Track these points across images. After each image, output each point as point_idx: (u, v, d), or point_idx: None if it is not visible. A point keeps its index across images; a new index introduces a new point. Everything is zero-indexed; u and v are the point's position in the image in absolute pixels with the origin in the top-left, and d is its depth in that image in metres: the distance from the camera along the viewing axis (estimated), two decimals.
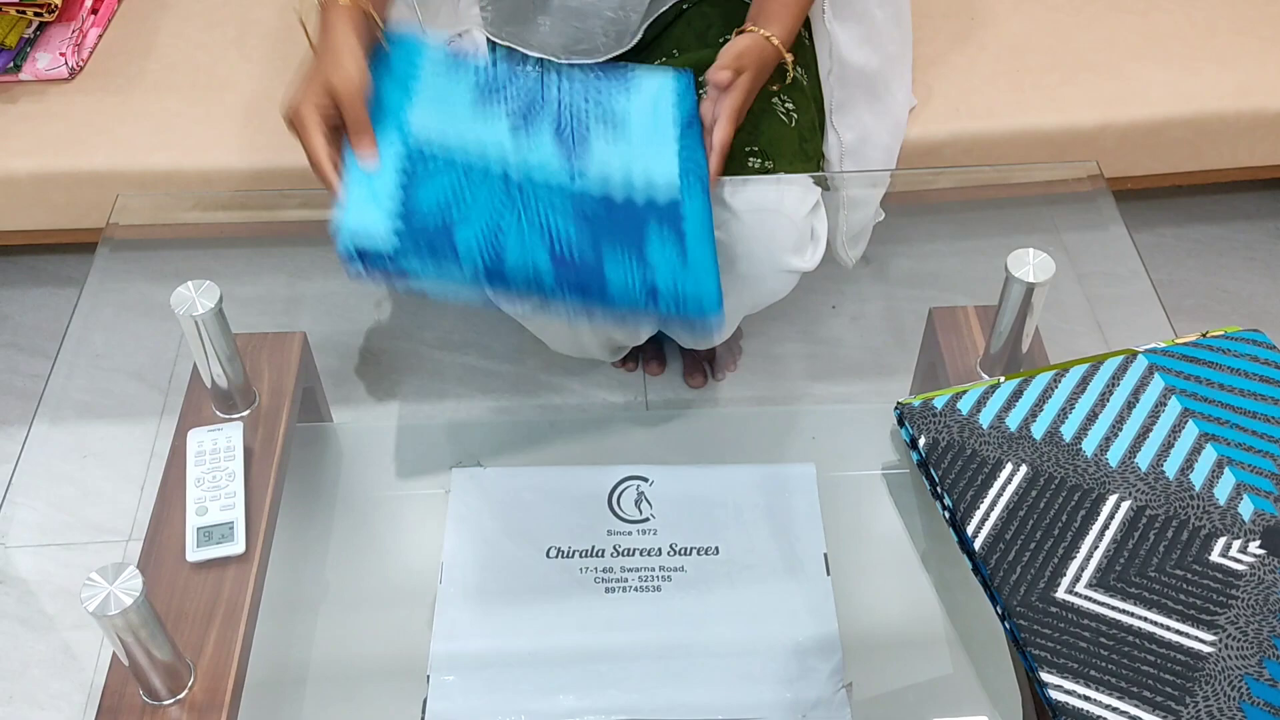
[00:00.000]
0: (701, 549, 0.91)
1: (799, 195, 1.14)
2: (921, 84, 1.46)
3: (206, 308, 0.98)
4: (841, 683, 0.82)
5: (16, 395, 1.59)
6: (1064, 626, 0.76)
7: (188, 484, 0.92)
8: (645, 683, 0.84)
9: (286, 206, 1.33)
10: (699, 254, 0.94)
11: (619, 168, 0.99)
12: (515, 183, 0.96)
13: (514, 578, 0.89)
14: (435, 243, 0.89)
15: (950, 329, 1.10)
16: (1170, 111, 1.47)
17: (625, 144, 1.02)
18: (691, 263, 0.93)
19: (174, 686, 0.82)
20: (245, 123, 1.44)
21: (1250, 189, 1.84)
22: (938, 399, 0.91)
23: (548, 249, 0.91)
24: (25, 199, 1.44)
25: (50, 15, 1.46)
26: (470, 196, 0.93)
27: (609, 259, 0.91)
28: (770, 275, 1.16)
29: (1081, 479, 0.84)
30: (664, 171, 0.99)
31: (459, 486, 0.95)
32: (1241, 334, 0.93)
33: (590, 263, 0.91)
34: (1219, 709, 0.72)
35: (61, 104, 1.47)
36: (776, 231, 1.13)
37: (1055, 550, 0.81)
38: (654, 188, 0.98)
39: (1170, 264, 1.74)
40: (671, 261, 0.93)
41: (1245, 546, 0.80)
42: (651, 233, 0.94)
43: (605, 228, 0.94)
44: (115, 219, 1.15)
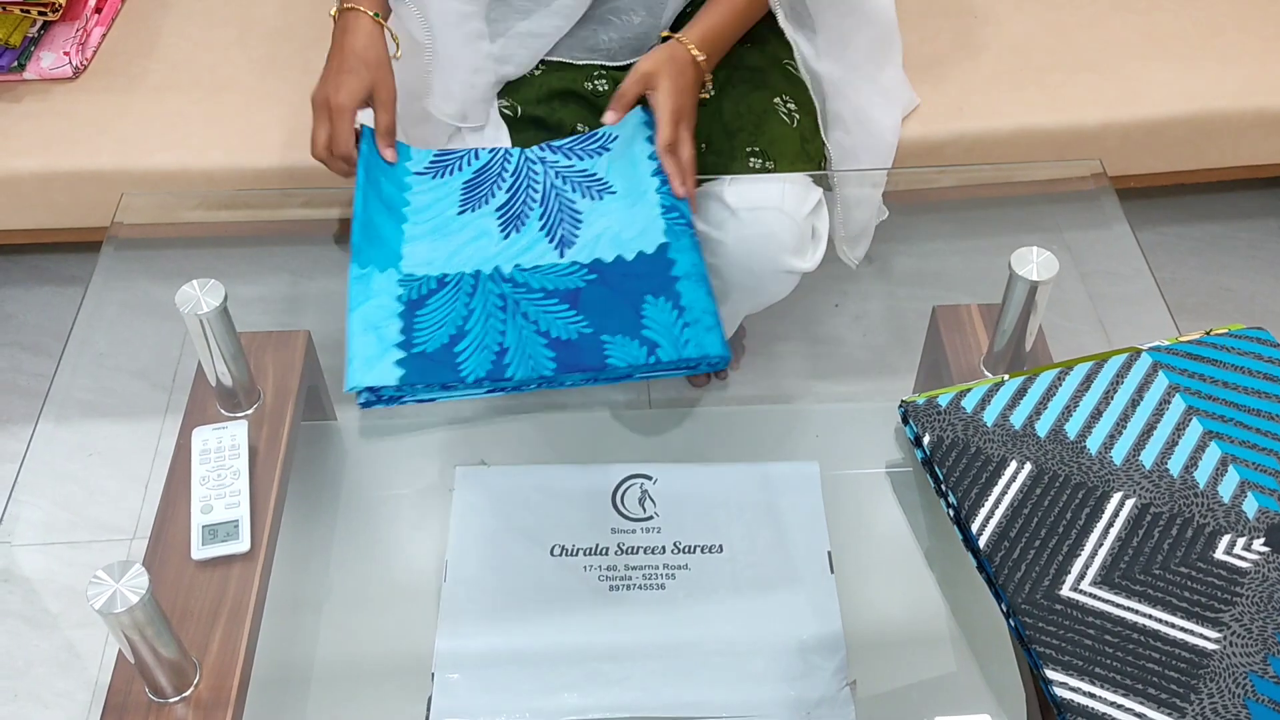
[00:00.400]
0: (705, 547, 0.91)
1: (800, 195, 1.14)
2: (924, 83, 1.46)
3: (211, 306, 0.98)
4: (845, 681, 0.82)
5: (21, 394, 1.59)
6: (1069, 624, 0.77)
7: (193, 482, 0.92)
8: (649, 681, 0.84)
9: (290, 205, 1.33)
10: (696, 305, 0.94)
11: (609, 235, 1.02)
12: (510, 284, 0.99)
13: (518, 576, 0.90)
14: (439, 368, 0.92)
15: (954, 327, 1.10)
16: (1173, 110, 1.47)
17: (611, 207, 1.04)
18: (690, 316, 0.93)
19: (179, 684, 0.82)
20: (249, 122, 1.44)
21: (1253, 187, 1.84)
22: (942, 397, 0.91)
23: (547, 346, 0.93)
24: (29, 198, 1.44)
25: (54, 14, 1.47)
26: (467, 312, 0.96)
27: (609, 341, 0.93)
28: (771, 276, 1.16)
29: (1086, 477, 0.84)
30: (649, 224, 1.01)
31: (463, 485, 0.95)
32: (1245, 332, 0.93)
33: (591, 349, 0.92)
34: (1224, 706, 0.72)
35: (65, 103, 1.47)
36: (777, 231, 1.13)
37: (1060, 548, 0.81)
38: (643, 245, 1.00)
39: (1173, 262, 1.74)
40: (669, 323, 0.93)
41: (1249, 544, 0.80)
42: (647, 297, 0.96)
43: (602, 306, 0.95)
44: (119, 218, 1.15)
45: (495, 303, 0.97)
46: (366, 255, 1.00)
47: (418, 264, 1.01)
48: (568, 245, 1.02)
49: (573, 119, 1.14)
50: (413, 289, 0.98)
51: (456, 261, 1.01)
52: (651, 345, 0.92)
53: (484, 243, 1.03)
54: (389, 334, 0.94)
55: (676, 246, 0.99)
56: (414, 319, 0.95)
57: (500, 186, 1.08)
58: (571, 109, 1.16)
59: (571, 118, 1.15)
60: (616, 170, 1.07)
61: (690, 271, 0.96)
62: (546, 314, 0.95)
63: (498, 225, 1.04)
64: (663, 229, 1.00)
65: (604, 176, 1.07)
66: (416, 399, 0.93)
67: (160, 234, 1.22)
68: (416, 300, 0.97)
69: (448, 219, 1.05)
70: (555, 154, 1.10)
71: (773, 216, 1.13)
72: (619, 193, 1.05)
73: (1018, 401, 0.90)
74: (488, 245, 1.03)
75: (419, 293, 0.98)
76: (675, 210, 1.01)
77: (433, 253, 1.02)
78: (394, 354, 0.92)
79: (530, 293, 0.98)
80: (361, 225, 1.02)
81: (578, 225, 1.04)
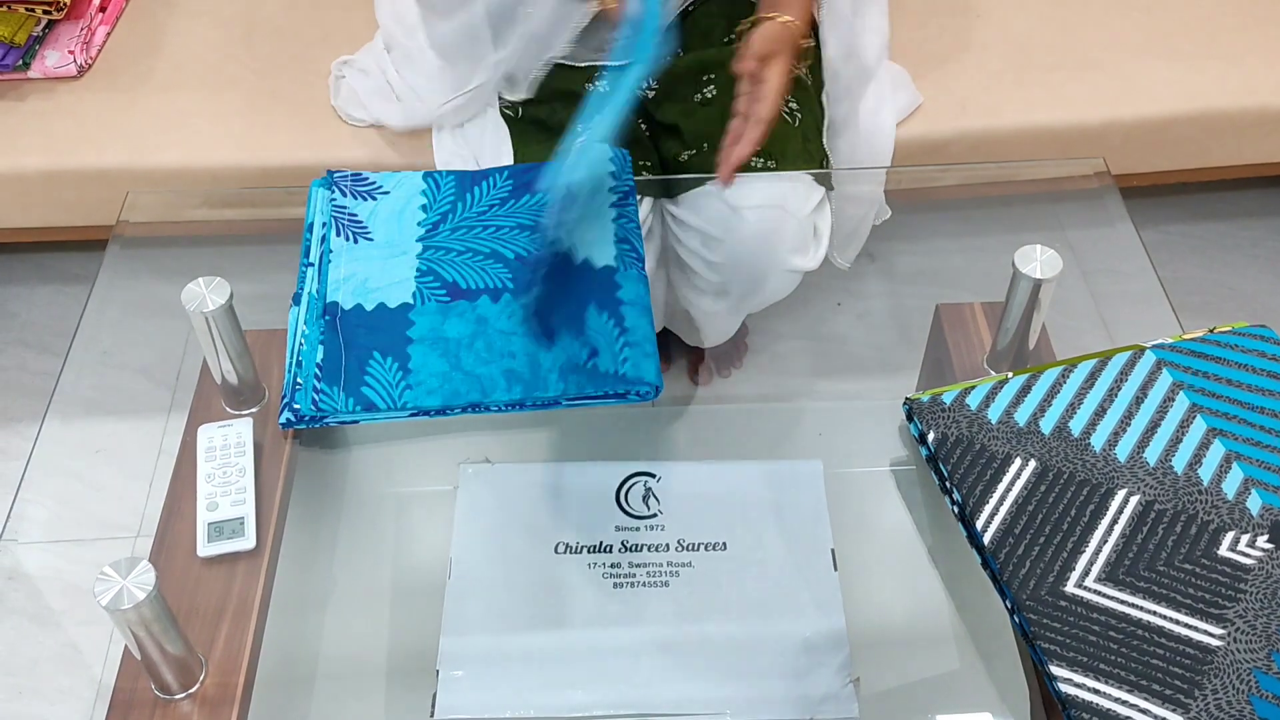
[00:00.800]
0: (709, 544, 0.91)
1: (803, 193, 1.14)
2: (927, 81, 1.46)
3: (217, 304, 0.98)
4: (849, 677, 0.83)
5: (26, 392, 1.59)
6: (1073, 620, 0.77)
7: (198, 480, 0.93)
8: (653, 677, 0.84)
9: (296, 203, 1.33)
10: (638, 330, 0.95)
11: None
12: (459, 304, 0.98)
13: (522, 573, 0.90)
14: (376, 396, 0.93)
15: (957, 325, 1.10)
16: (1176, 108, 1.47)
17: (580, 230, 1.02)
18: (632, 339, 0.94)
19: (185, 681, 0.83)
20: (254, 120, 1.45)
21: (1256, 186, 1.84)
22: (946, 394, 0.91)
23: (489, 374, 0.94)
24: (34, 196, 1.45)
25: (59, 13, 1.47)
26: (414, 331, 0.97)
27: (547, 366, 0.94)
28: (773, 274, 1.16)
29: (1090, 474, 0.85)
30: (602, 243, 1.01)
31: (467, 483, 0.95)
32: (1249, 329, 0.93)
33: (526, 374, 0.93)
34: (1228, 702, 0.72)
35: (70, 102, 1.47)
36: (780, 230, 1.13)
37: (1064, 544, 0.81)
38: (593, 256, 1.00)
39: (1176, 260, 1.75)
40: (610, 337, 0.94)
41: (1254, 541, 0.80)
42: (590, 306, 0.96)
43: (553, 305, 0.95)
44: (125, 216, 1.16)
45: (445, 330, 0.97)
46: (299, 295, 1.01)
47: (349, 294, 1.01)
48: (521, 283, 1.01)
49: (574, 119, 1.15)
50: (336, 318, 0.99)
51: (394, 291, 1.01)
52: (592, 350, 0.94)
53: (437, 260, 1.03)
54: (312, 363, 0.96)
55: (624, 274, 0.99)
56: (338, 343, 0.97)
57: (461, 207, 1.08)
58: (573, 109, 1.16)
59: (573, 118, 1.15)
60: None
61: (635, 300, 0.97)
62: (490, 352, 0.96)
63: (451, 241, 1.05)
64: (614, 254, 1.00)
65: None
66: (343, 421, 0.93)
67: (165, 232, 1.22)
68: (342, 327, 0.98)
69: (396, 245, 1.05)
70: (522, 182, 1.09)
71: (776, 215, 1.13)
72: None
73: (1022, 399, 0.90)
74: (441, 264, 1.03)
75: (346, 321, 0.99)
76: (626, 244, 1.01)
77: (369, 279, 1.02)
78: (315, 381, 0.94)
79: (479, 327, 0.97)
80: (305, 265, 1.03)
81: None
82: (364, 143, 1.42)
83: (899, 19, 1.57)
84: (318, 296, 1.01)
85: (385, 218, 1.07)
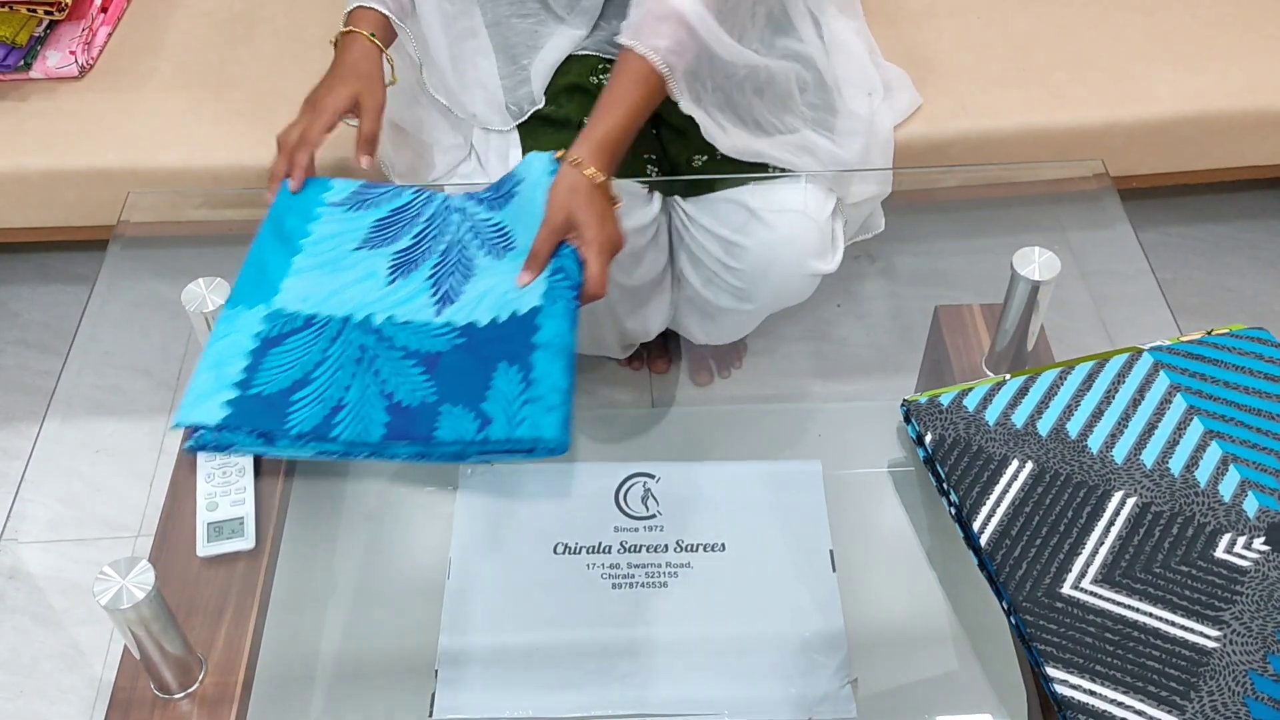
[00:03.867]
0: (708, 545, 0.91)
1: (821, 197, 1.15)
2: (927, 83, 1.47)
3: (216, 304, 0.98)
4: (847, 678, 0.83)
5: (26, 392, 1.59)
6: (1069, 622, 0.77)
7: (198, 480, 0.93)
8: (651, 678, 0.84)
9: None
10: (545, 379, 0.88)
11: (493, 295, 0.97)
12: (375, 336, 0.96)
13: (521, 574, 0.90)
14: (267, 412, 0.91)
15: (956, 327, 1.10)
16: (1176, 110, 1.47)
17: (506, 267, 0.98)
18: (535, 392, 0.88)
19: (185, 680, 0.83)
20: (255, 120, 1.45)
21: (1256, 188, 1.84)
22: (944, 396, 0.91)
23: (387, 410, 0.91)
24: (36, 196, 1.45)
25: (60, 14, 1.47)
26: (320, 358, 0.94)
27: (445, 412, 0.90)
28: (794, 279, 1.17)
29: (1087, 475, 0.85)
30: (531, 293, 0.94)
31: (467, 483, 0.96)
32: (1246, 332, 0.93)
33: (424, 419, 0.90)
34: (1224, 704, 0.72)
35: (72, 102, 1.48)
36: (801, 234, 1.14)
37: (1061, 546, 0.81)
38: (519, 305, 0.94)
39: (1175, 262, 1.75)
40: (512, 396, 0.89)
41: (1250, 543, 0.80)
42: (501, 364, 0.91)
43: (456, 373, 0.92)
44: (126, 216, 1.16)
45: (352, 354, 0.94)
46: (240, 294, 0.99)
47: (293, 299, 0.99)
48: (449, 302, 0.98)
49: (579, 113, 1.15)
50: (276, 325, 0.96)
51: (332, 303, 0.99)
52: (485, 420, 0.88)
53: (367, 286, 1.00)
54: (230, 373, 0.93)
55: (549, 311, 0.93)
56: (264, 358, 0.94)
57: (409, 231, 1.05)
58: (577, 103, 1.16)
59: (578, 112, 1.15)
60: (519, 220, 1.01)
61: (551, 341, 0.91)
62: (398, 375, 0.93)
63: (387, 269, 1.01)
64: (543, 290, 0.94)
65: (509, 229, 1.02)
66: (242, 450, 0.92)
67: (166, 232, 1.22)
68: (275, 339, 0.96)
69: (342, 254, 1.03)
70: (479, 205, 1.05)
71: (797, 219, 1.14)
72: (518, 248, 0.99)
73: (1019, 401, 0.90)
74: (369, 290, 1.00)
75: (280, 330, 0.96)
76: (561, 271, 0.95)
77: (313, 289, 1.00)
78: (227, 393, 0.92)
79: (391, 349, 0.95)
80: (249, 264, 1.01)
81: (466, 281, 1.00)
82: None
83: (899, 20, 1.57)
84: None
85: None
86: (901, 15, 1.58)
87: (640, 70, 1.01)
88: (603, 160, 0.99)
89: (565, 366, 0.90)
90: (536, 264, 0.95)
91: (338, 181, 1.09)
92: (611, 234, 0.97)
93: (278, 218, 1.05)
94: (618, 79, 1.02)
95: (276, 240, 1.03)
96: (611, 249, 0.97)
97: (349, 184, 1.08)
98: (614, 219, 0.98)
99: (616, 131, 1.00)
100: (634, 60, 1.01)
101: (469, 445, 0.88)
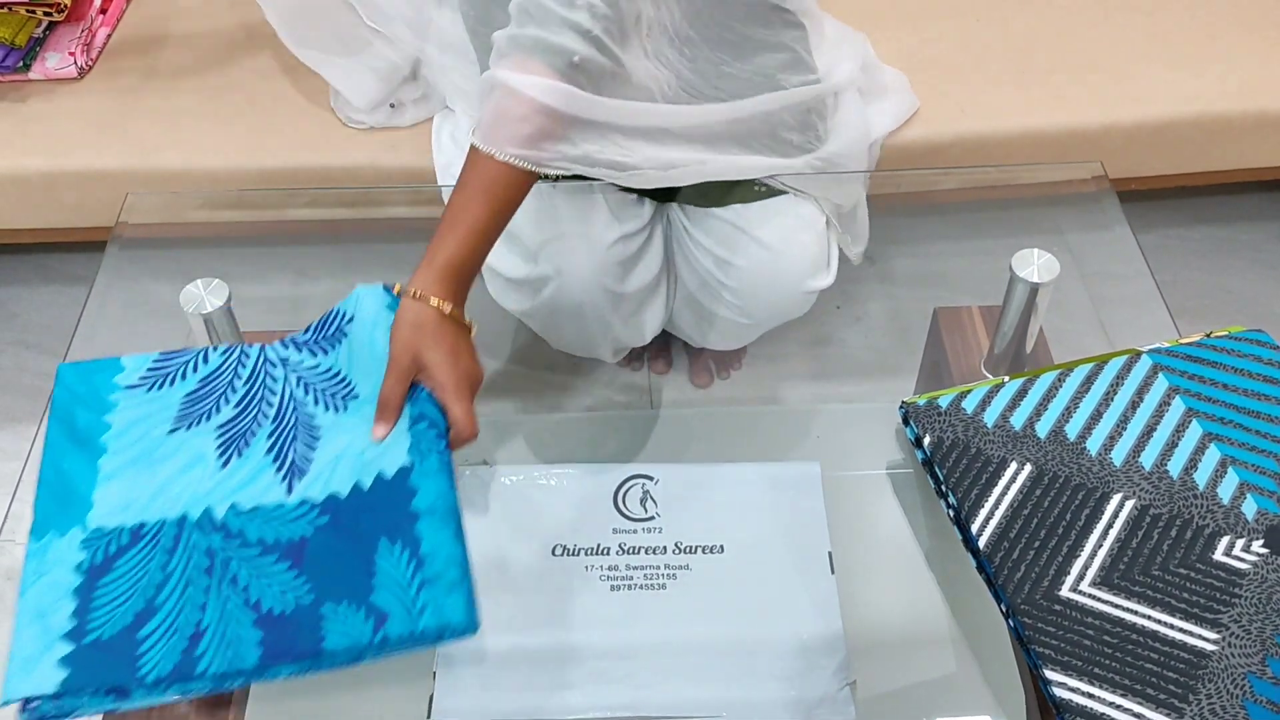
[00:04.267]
0: (706, 547, 0.91)
1: (815, 214, 1.15)
2: (926, 85, 1.47)
3: (215, 306, 0.98)
4: (846, 680, 0.83)
5: (25, 393, 1.59)
6: (1068, 624, 0.77)
7: None
8: (650, 680, 0.84)
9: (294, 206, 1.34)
10: (438, 554, 0.78)
11: (348, 457, 0.84)
12: (222, 535, 0.81)
13: (519, 575, 0.90)
14: (114, 663, 0.75)
15: (954, 329, 1.10)
16: (1175, 112, 1.47)
17: (353, 420, 0.87)
18: (430, 571, 0.77)
19: None
20: (253, 122, 1.45)
21: (1255, 190, 1.84)
22: (942, 398, 0.91)
23: (257, 624, 0.77)
24: (35, 197, 1.45)
25: (59, 15, 1.47)
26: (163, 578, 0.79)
27: (329, 614, 0.77)
28: (791, 296, 1.17)
29: (1086, 478, 0.85)
30: (394, 437, 0.84)
31: (465, 485, 0.96)
32: (1245, 334, 0.93)
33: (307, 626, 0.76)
34: (1222, 707, 0.72)
35: (71, 103, 1.48)
36: (798, 253, 1.14)
37: (1059, 549, 0.81)
38: (384, 465, 0.83)
39: (1174, 264, 1.75)
40: (403, 581, 0.77)
41: (1249, 546, 0.80)
42: (381, 541, 0.79)
43: (330, 561, 0.79)
44: (124, 217, 1.16)
45: (200, 562, 0.79)
46: (45, 520, 0.83)
47: (111, 510, 0.83)
48: (299, 474, 0.84)
49: None
50: (98, 549, 0.80)
51: (160, 504, 0.83)
52: (380, 617, 0.76)
53: (197, 474, 0.85)
54: (56, 622, 0.76)
55: (421, 469, 0.81)
56: (93, 594, 0.78)
57: (229, 399, 0.89)
58: None
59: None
60: (358, 364, 0.88)
61: (435, 505, 0.80)
62: (261, 577, 0.79)
63: (216, 449, 0.86)
64: (407, 445, 0.83)
65: (346, 375, 0.89)
66: (91, 712, 0.75)
67: (165, 234, 1.23)
68: (101, 566, 0.80)
69: (155, 441, 0.87)
70: (300, 352, 0.92)
71: (793, 238, 1.14)
72: (362, 396, 0.87)
73: (1018, 403, 0.90)
74: (201, 478, 0.85)
75: (105, 553, 0.80)
76: (424, 419, 0.84)
77: (132, 492, 0.84)
78: (59, 648, 0.75)
79: (245, 546, 0.80)
80: (44, 481, 0.85)
81: (313, 446, 0.86)
82: (363, 145, 1.42)
83: (899, 21, 1.57)
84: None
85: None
86: (900, 17, 1.59)
87: (495, 175, 0.89)
88: (448, 288, 0.86)
89: (455, 532, 0.79)
90: (389, 414, 0.84)
91: (128, 360, 0.92)
92: (468, 369, 0.86)
93: (64, 415, 0.88)
94: (466, 186, 0.89)
95: (71, 443, 0.87)
96: (470, 386, 0.86)
97: (142, 360, 0.92)
98: (469, 351, 0.87)
99: (463, 254, 0.88)
100: (487, 164, 0.89)
101: (366, 649, 0.76)
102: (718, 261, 1.17)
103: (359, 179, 1.41)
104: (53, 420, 0.88)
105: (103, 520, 0.82)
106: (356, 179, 1.41)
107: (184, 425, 0.88)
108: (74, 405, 0.89)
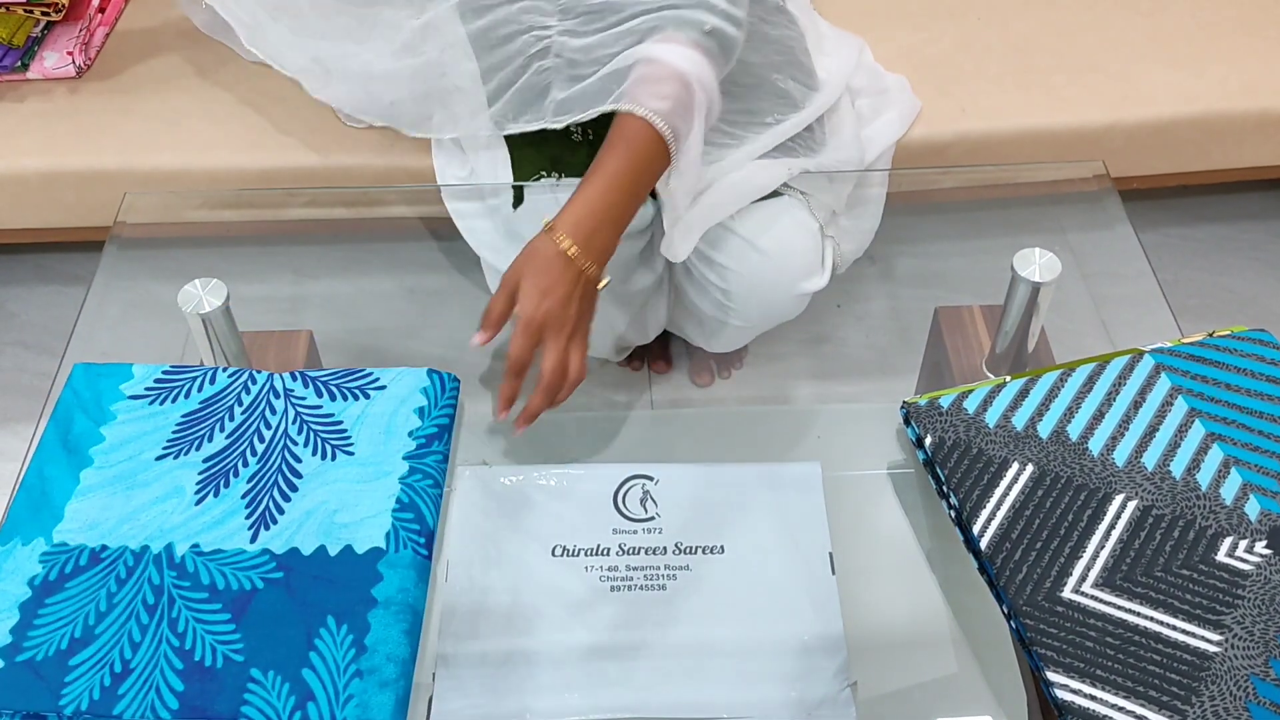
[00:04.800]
0: (707, 547, 0.91)
1: (808, 218, 1.15)
2: (927, 84, 1.46)
3: (214, 306, 0.98)
4: (846, 681, 0.82)
5: (23, 393, 1.59)
6: (1070, 626, 0.76)
7: None
8: (650, 681, 0.84)
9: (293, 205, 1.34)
10: (381, 648, 0.77)
11: (320, 515, 0.84)
12: (176, 573, 0.80)
13: (519, 576, 0.90)
14: (37, 689, 0.74)
15: (956, 328, 1.10)
16: (1177, 111, 1.47)
17: (339, 475, 0.87)
18: (368, 662, 0.77)
19: None
20: (252, 122, 1.45)
21: (1257, 189, 1.84)
22: (944, 398, 0.91)
23: (180, 674, 0.75)
24: (33, 197, 1.45)
25: (58, 14, 1.47)
26: (107, 607, 0.78)
27: (255, 682, 0.75)
28: (784, 299, 1.17)
29: (1088, 478, 0.84)
30: (374, 514, 0.84)
31: (464, 485, 0.95)
32: (1248, 334, 0.93)
33: (229, 690, 0.75)
34: (1225, 709, 0.72)
35: (69, 103, 1.47)
36: (792, 256, 1.13)
37: (1061, 549, 0.81)
38: (355, 538, 0.83)
39: (1176, 264, 1.74)
40: (339, 665, 0.76)
41: (1252, 546, 0.80)
42: (329, 619, 0.78)
43: (270, 622, 0.78)
44: (123, 217, 1.16)
45: (147, 597, 0.78)
46: (15, 524, 0.83)
47: (79, 527, 0.82)
48: (267, 524, 0.83)
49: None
50: (55, 566, 0.80)
51: (126, 530, 0.82)
52: (303, 696, 0.74)
53: (170, 506, 0.84)
54: None
55: (393, 559, 0.81)
56: (39, 611, 0.78)
57: (223, 427, 0.89)
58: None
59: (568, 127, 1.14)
60: (366, 429, 0.89)
61: (394, 597, 0.79)
62: (199, 623, 0.77)
63: (195, 485, 0.86)
64: (386, 529, 0.83)
65: (349, 431, 0.89)
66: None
67: (163, 233, 1.22)
68: (55, 582, 0.79)
69: (140, 465, 0.87)
70: (308, 388, 0.91)
71: (787, 242, 1.13)
72: (356, 456, 0.87)
73: (1020, 403, 0.90)
74: (173, 511, 0.84)
75: (61, 571, 0.80)
76: (411, 512, 0.84)
77: (104, 512, 0.83)
78: None
79: (194, 589, 0.79)
80: (26, 482, 0.85)
81: (289, 495, 0.85)
82: (363, 145, 1.42)
83: (899, 21, 1.57)
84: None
85: None
86: (901, 17, 1.58)
87: (635, 130, 0.93)
88: (578, 230, 0.90)
89: (408, 631, 0.78)
90: (491, 322, 0.88)
91: (138, 368, 0.93)
92: (553, 310, 0.87)
93: (64, 418, 0.89)
94: (609, 144, 0.94)
95: (61, 449, 0.87)
96: (536, 331, 0.87)
97: (151, 370, 0.93)
98: (570, 295, 0.88)
99: (595, 201, 0.91)
100: (627, 120, 0.93)
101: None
102: (710, 265, 1.17)
103: (358, 179, 1.41)
104: (53, 421, 0.90)
105: (68, 536, 0.82)
106: (356, 179, 1.41)
107: (172, 454, 0.88)
108: (75, 409, 0.90)
